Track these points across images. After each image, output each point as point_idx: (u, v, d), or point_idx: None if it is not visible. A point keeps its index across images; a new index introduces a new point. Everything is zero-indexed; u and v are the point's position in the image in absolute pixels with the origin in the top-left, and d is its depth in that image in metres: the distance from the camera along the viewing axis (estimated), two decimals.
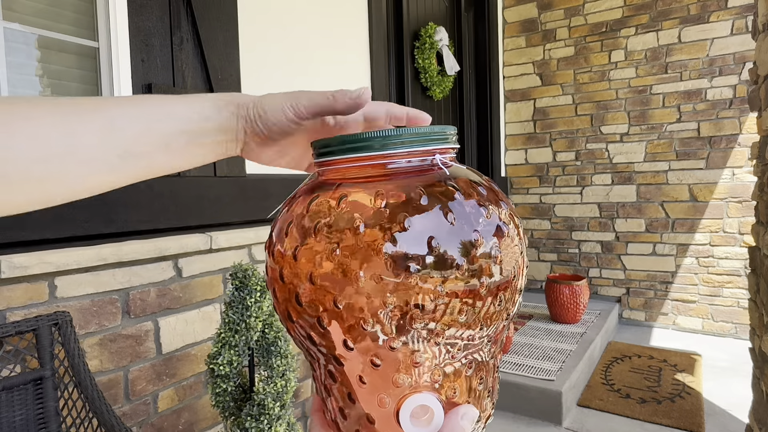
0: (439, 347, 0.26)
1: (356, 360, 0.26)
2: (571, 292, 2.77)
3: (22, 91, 1.20)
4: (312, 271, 0.26)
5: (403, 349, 0.25)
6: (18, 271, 1.03)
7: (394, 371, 0.26)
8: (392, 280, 0.24)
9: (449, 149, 0.30)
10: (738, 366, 2.51)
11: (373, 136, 0.28)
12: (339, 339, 0.26)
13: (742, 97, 2.86)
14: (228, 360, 1.09)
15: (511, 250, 0.27)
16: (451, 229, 0.25)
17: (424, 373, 0.26)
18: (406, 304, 0.24)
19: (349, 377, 0.27)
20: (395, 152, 0.28)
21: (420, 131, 0.29)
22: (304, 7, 1.92)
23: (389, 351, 0.25)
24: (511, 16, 3.61)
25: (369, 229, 0.25)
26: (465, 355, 0.27)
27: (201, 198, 1.46)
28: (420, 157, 0.29)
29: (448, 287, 0.25)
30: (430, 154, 0.29)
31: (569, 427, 1.97)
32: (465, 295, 0.25)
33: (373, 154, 0.28)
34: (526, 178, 3.63)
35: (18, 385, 0.98)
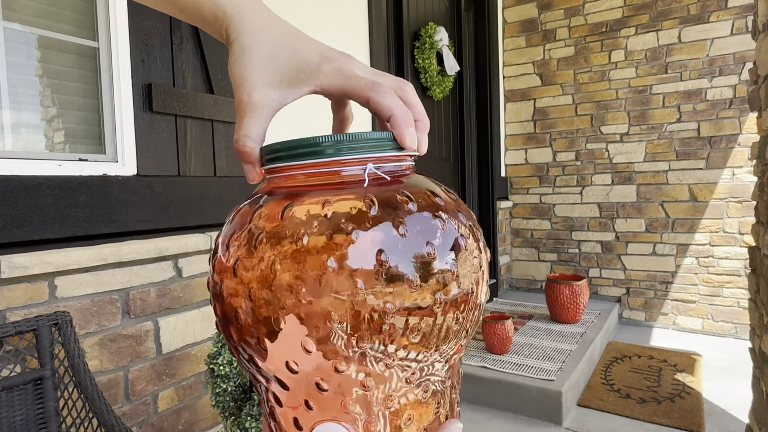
0: (390, 370, 0.24)
1: (301, 384, 0.24)
2: (571, 292, 2.77)
3: (22, 91, 1.20)
4: (252, 287, 0.24)
5: (351, 372, 0.24)
6: (18, 271, 1.03)
7: (342, 396, 0.24)
8: (338, 298, 0.22)
9: (406, 156, 0.29)
10: (738, 366, 2.51)
11: (325, 142, 0.26)
12: (281, 361, 0.24)
13: (742, 97, 2.86)
14: (228, 360, 1.09)
15: (468, 264, 0.26)
16: (403, 242, 0.23)
17: (375, 398, 0.24)
18: (353, 323, 0.23)
19: (295, 402, 0.25)
20: (346, 159, 0.26)
21: (376, 136, 0.27)
22: (304, 7, 1.92)
23: (336, 374, 0.24)
24: (511, 16, 3.61)
25: (313, 242, 0.23)
26: (419, 379, 0.25)
27: (201, 198, 1.46)
28: (375, 164, 0.27)
29: (398, 304, 0.23)
30: (387, 161, 0.27)
31: (569, 427, 1.97)
32: (417, 313, 0.23)
33: (324, 160, 0.26)
34: (526, 178, 3.63)
35: (18, 385, 0.98)
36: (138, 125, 1.33)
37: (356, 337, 0.23)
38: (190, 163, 1.45)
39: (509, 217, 3.71)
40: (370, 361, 0.24)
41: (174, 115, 1.41)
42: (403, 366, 0.24)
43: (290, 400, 0.25)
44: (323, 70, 0.29)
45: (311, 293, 0.23)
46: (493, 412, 2.10)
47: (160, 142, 1.38)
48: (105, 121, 1.33)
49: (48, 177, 1.13)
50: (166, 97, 1.37)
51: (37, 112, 1.23)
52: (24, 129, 1.20)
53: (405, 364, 0.24)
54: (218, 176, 1.53)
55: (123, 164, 1.32)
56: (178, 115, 1.42)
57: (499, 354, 2.34)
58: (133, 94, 1.33)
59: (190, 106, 1.43)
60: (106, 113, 1.33)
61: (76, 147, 1.30)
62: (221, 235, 0.27)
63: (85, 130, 1.32)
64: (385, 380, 0.24)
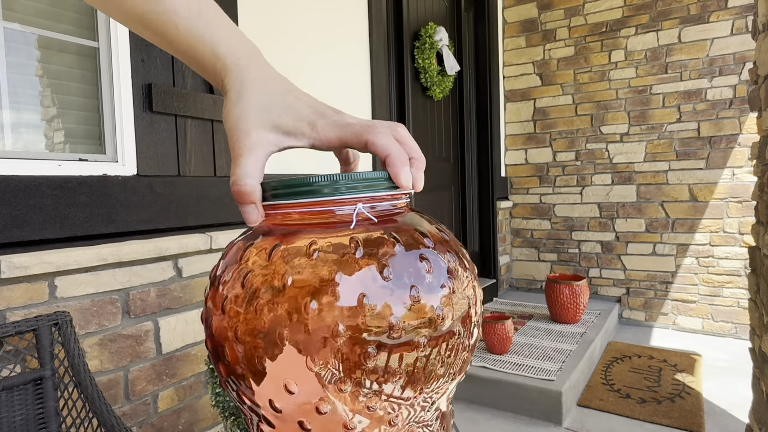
0: (373, 411, 0.24)
1: (286, 422, 0.24)
2: (571, 292, 2.77)
3: (22, 91, 1.20)
4: (238, 326, 0.24)
5: (333, 414, 0.23)
6: (18, 271, 1.03)
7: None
8: (319, 340, 0.22)
9: (400, 195, 0.29)
10: (738, 366, 2.51)
11: (320, 181, 0.26)
12: (265, 400, 0.24)
13: (742, 97, 2.86)
14: None
15: (456, 305, 0.25)
16: (386, 285, 0.23)
17: None
18: (335, 366, 0.23)
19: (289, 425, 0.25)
20: (340, 198, 0.26)
21: (371, 176, 0.27)
22: (304, 6, 1.92)
23: (318, 415, 0.24)
24: (511, 16, 3.61)
25: (296, 283, 0.23)
26: (405, 422, 0.25)
27: (201, 198, 1.46)
28: (369, 203, 0.27)
29: (379, 347, 0.23)
30: (382, 201, 0.27)
31: (569, 427, 1.97)
32: (398, 357, 0.23)
33: (319, 199, 0.26)
34: (526, 178, 3.63)
35: (18, 385, 0.98)
36: (138, 125, 1.33)
37: (338, 379, 0.23)
38: (190, 163, 1.45)
39: (509, 217, 3.71)
40: (351, 401, 0.23)
41: (174, 115, 1.41)
42: (388, 407, 0.24)
43: None
44: (318, 126, 0.30)
45: (293, 334, 0.23)
46: (493, 412, 2.10)
47: (160, 142, 1.38)
48: (105, 121, 1.33)
49: (48, 177, 1.13)
50: (166, 97, 1.37)
51: (37, 112, 1.23)
52: (24, 129, 1.20)
53: (389, 405, 0.24)
54: (218, 176, 1.53)
55: (123, 164, 1.32)
56: (178, 115, 1.42)
57: (499, 354, 2.34)
58: (133, 94, 1.33)
59: (190, 106, 1.43)
60: (106, 113, 1.33)
61: (76, 147, 1.30)
62: (214, 270, 0.28)
63: (85, 130, 1.32)
64: (370, 422, 0.24)
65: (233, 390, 0.26)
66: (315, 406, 0.23)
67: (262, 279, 0.24)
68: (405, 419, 0.25)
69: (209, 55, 0.32)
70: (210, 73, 0.33)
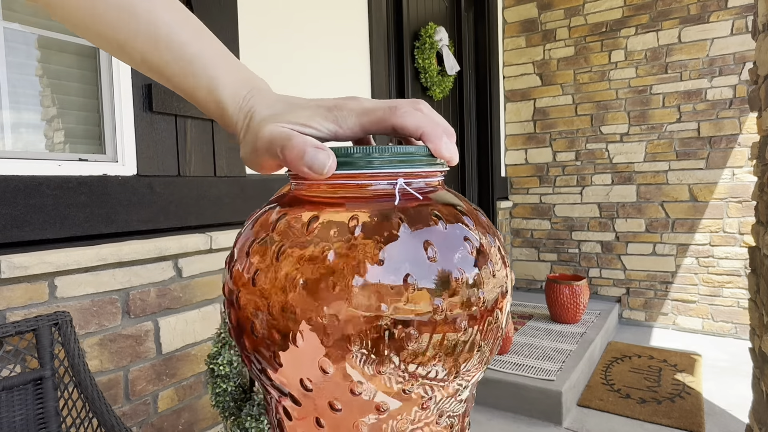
0: (407, 394, 0.23)
1: (314, 401, 0.24)
2: (571, 292, 2.77)
3: (22, 91, 1.20)
4: (271, 300, 0.23)
5: (367, 395, 0.23)
6: (18, 271, 1.03)
7: (356, 417, 0.23)
8: (360, 318, 0.22)
9: (437, 172, 0.28)
10: (738, 366, 2.51)
11: (356, 153, 0.25)
12: (296, 377, 0.24)
13: (742, 97, 2.86)
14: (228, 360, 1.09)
15: (494, 289, 0.25)
16: (431, 266, 0.23)
17: (388, 421, 0.24)
18: (374, 345, 0.22)
19: (306, 419, 0.25)
20: (377, 172, 0.25)
21: (410, 150, 0.26)
22: (305, 7, 1.92)
23: (351, 396, 0.23)
24: (511, 16, 3.61)
25: (338, 258, 0.22)
26: (435, 403, 0.25)
27: (201, 198, 1.46)
28: (406, 179, 0.26)
29: (421, 329, 0.22)
30: (417, 177, 0.26)
31: (569, 427, 1.97)
32: (440, 339, 0.23)
33: (354, 172, 0.25)
34: (526, 178, 3.63)
35: (18, 385, 0.98)
36: (138, 125, 1.33)
37: (376, 360, 0.22)
38: (189, 163, 1.45)
39: (509, 217, 3.71)
40: (387, 383, 0.23)
41: (174, 115, 1.41)
42: (422, 391, 0.24)
43: (301, 415, 0.25)
44: (337, 114, 0.28)
45: (333, 311, 0.22)
46: (493, 412, 2.10)
47: (160, 142, 1.38)
48: (105, 121, 1.33)
49: (48, 177, 1.13)
50: (166, 96, 1.37)
51: (37, 112, 1.23)
52: (24, 129, 1.20)
53: (424, 388, 0.24)
54: (218, 176, 1.53)
55: (123, 164, 1.32)
56: (178, 115, 1.42)
57: (499, 354, 2.34)
58: (133, 94, 1.33)
59: (190, 106, 1.43)
60: (106, 113, 1.33)
61: (76, 147, 1.30)
62: (240, 241, 0.27)
63: (85, 130, 1.32)
64: (401, 405, 0.23)
65: (257, 366, 0.25)
66: (349, 387, 0.23)
67: (300, 252, 0.23)
68: (437, 403, 0.25)
69: (214, 105, 0.32)
70: (218, 117, 0.32)
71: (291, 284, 0.23)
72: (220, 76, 0.31)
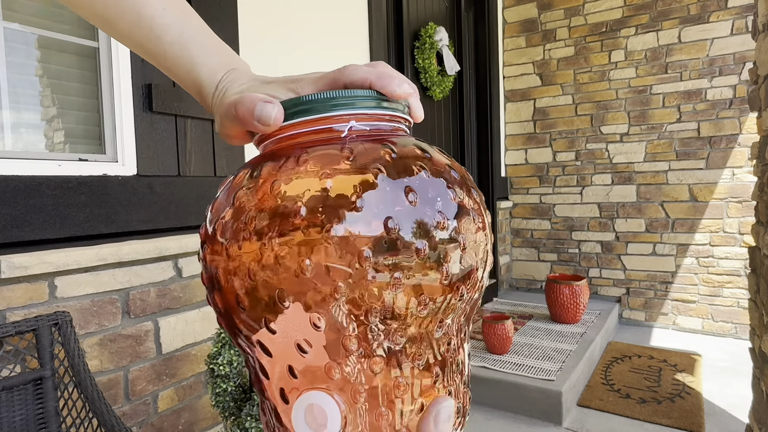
0: (386, 341, 0.23)
1: (284, 348, 0.23)
2: (571, 292, 2.77)
3: (22, 91, 1.20)
4: (251, 265, 0.23)
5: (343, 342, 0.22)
6: (18, 271, 1.03)
7: (327, 361, 0.23)
8: (340, 269, 0.21)
9: (391, 116, 0.27)
10: (738, 366, 2.51)
11: (317, 98, 0.25)
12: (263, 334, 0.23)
13: (742, 97, 2.86)
14: (228, 360, 1.09)
15: (477, 240, 0.25)
16: (411, 210, 0.22)
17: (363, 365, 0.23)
18: (356, 296, 0.21)
19: (278, 370, 0.24)
20: (340, 114, 0.25)
21: (357, 93, 0.26)
22: (305, 6, 1.92)
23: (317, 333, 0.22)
24: (511, 16, 3.61)
25: (310, 212, 0.22)
26: (414, 352, 0.24)
27: (201, 198, 1.46)
28: (371, 121, 0.26)
29: (406, 275, 0.22)
30: (371, 120, 0.26)
31: (569, 427, 1.97)
32: (425, 286, 0.22)
33: (315, 117, 0.25)
34: (526, 178, 3.63)
35: (18, 385, 0.98)
36: (138, 125, 1.33)
37: (359, 311, 0.22)
38: (189, 163, 1.45)
39: (509, 217, 3.71)
40: (364, 332, 0.22)
41: (174, 115, 1.41)
42: (403, 339, 0.23)
43: (272, 368, 0.24)
44: (297, 87, 0.30)
45: (314, 266, 0.21)
46: (493, 412, 2.10)
47: (160, 142, 1.38)
48: (105, 121, 1.33)
49: (48, 177, 1.13)
50: (166, 97, 1.37)
51: (37, 112, 1.23)
52: (24, 129, 1.20)
53: (404, 337, 0.23)
54: (218, 176, 1.53)
55: (123, 164, 1.32)
56: (178, 115, 1.42)
57: (499, 354, 2.34)
58: (133, 94, 1.33)
59: (190, 106, 1.43)
60: (106, 113, 1.33)
61: (76, 147, 1.30)
62: (214, 205, 0.27)
63: (84, 130, 1.32)
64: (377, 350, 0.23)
65: (245, 343, 0.25)
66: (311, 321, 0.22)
67: (275, 207, 0.23)
68: (417, 347, 0.24)
69: (194, 83, 0.34)
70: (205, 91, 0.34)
71: (268, 244, 0.22)
72: (200, 56, 0.34)
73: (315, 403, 0.23)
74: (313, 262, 0.21)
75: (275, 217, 0.22)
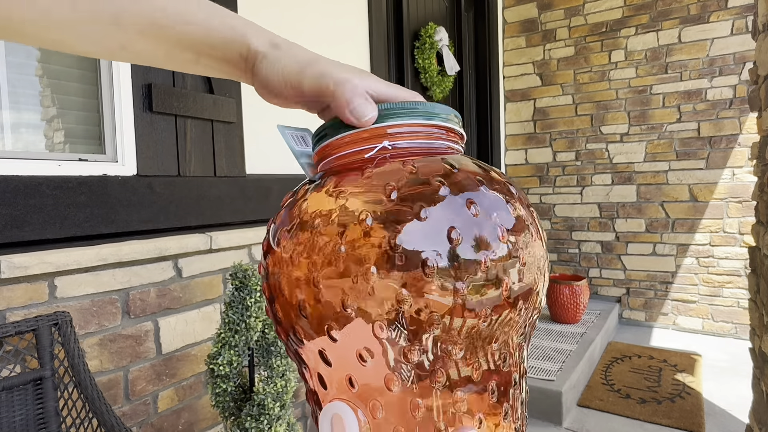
0: (457, 350, 0.22)
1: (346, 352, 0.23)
2: (571, 292, 2.77)
3: (22, 91, 1.20)
4: (315, 275, 0.23)
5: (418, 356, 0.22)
6: (18, 271, 1.03)
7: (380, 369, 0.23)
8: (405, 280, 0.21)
9: (456, 133, 0.28)
10: (738, 366, 2.51)
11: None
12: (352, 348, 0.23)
13: (742, 97, 2.86)
14: (228, 360, 1.09)
15: (536, 251, 0.25)
16: (473, 222, 0.22)
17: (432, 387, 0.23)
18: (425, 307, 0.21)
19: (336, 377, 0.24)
20: (394, 123, 0.26)
21: (426, 105, 0.26)
22: (304, 6, 1.92)
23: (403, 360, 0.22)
24: (511, 16, 3.61)
25: (377, 223, 0.22)
26: (478, 362, 0.23)
27: (201, 198, 1.46)
28: (426, 139, 0.26)
29: (472, 289, 0.22)
30: (433, 137, 0.26)
31: (569, 427, 1.97)
32: (489, 301, 0.22)
33: (368, 128, 0.26)
34: (526, 178, 3.63)
35: (18, 385, 0.98)
36: (138, 125, 1.33)
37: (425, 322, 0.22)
38: (189, 163, 1.45)
39: None
40: (440, 346, 0.22)
41: (174, 115, 1.41)
42: (469, 349, 0.23)
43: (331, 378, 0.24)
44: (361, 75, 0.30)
45: (378, 277, 0.22)
46: None
47: (160, 142, 1.38)
48: (105, 121, 1.33)
49: (48, 177, 1.13)
50: (166, 97, 1.37)
51: (37, 112, 1.23)
52: (24, 129, 1.20)
53: (470, 347, 0.23)
54: (218, 176, 1.53)
55: (123, 164, 1.32)
56: (178, 115, 1.42)
57: None
58: (133, 94, 1.33)
59: (190, 106, 1.43)
60: (106, 113, 1.33)
61: (75, 147, 1.30)
62: (276, 220, 0.27)
63: (84, 130, 1.32)
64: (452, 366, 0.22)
65: (295, 345, 0.25)
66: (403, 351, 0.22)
67: (339, 220, 0.23)
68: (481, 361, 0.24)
69: (238, 42, 0.32)
70: (219, 44, 0.32)
71: (335, 256, 0.23)
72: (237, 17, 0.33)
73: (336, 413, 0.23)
74: (378, 272, 0.22)
75: (341, 227, 0.23)
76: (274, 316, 0.26)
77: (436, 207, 0.22)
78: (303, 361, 0.26)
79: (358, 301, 0.22)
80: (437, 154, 0.26)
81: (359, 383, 0.23)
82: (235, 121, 1.58)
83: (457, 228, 0.22)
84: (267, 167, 1.74)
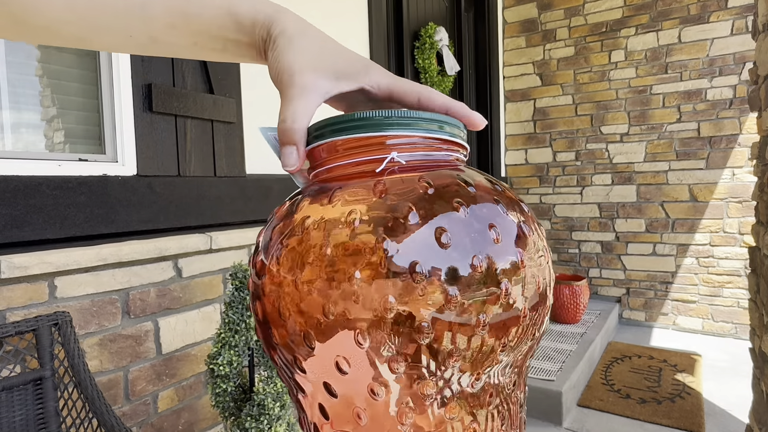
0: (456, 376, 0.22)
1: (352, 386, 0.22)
2: (571, 292, 2.77)
3: (22, 91, 1.20)
4: (307, 289, 0.22)
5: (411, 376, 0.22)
6: (18, 271, 1.03)
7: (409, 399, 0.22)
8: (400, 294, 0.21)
9: (459, 147, 0.27)
10: (738, 366, 2.51)
11: (373, 115, 0.24)
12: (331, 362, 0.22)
13: (742, 97, 2.86)
14: (228, 360, 1.09)
15: (539, 262, 0.24)
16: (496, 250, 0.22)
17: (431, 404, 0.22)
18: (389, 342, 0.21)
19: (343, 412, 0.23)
20: (394, 134, 0.24)
21: (430, 115, 0.25)
22: (304, 6, 1.92)
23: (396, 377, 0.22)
24: (511, 16, 3.61)
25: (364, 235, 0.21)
26: (483, 385, 0.23)
27: (201, 198, 1.46)
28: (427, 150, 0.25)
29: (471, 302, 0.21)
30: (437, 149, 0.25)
31: (569, 427, 1.97)
32: (493, 315, 0.21)
33: (370, 135, 0.24)
34: (526, 178, 3.63)
35: (18, 385, 0.98)
36: (138, 125, 1.33)
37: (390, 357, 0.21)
38: (189, 163, 1.45)
39: None
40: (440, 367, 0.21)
41: (174, 115, 1.41)
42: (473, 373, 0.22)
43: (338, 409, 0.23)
44: (372, 70, 0.30)
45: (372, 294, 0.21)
46: None
47: (160, 142, 1.38)
48: (105, 121, 1.33)
49: (48, 177, 1.13)
50: (166, 97, 1.37)
51: (37, 112, 1.23)
52: (24, 129, 1.20)
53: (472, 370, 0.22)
54: (218, 176, 1.53)
55: (123, 164, 1.32)
56: (178, 115, 1.42)
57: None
58: (133, 94, 1.33)
59: (190, 106, 1.43)
60: (106, 113, 1.33)
61: (76, 147, 1.30)
62: (265, 232, 0.26)
63: (84, 130, 1.32)
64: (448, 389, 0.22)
65: (284, 360, 0.24)
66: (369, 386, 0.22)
67: (332, 232, 0.22)
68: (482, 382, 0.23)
69: (246, 7, 0.31)
70: (247, 27, 0.32)
71: (322, 268, 0.22)
72: None
73: None
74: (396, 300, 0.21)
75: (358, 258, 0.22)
76: (267, 340, 0.25)
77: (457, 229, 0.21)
78: (301, 388, 0.25)
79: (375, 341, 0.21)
80: (446, 167, 0.26)
81: (367, 416, 0.22)
82: (235, 121, 1.58)
83: (479, 255, 0.21)
84: (267, 167, 1.74)
